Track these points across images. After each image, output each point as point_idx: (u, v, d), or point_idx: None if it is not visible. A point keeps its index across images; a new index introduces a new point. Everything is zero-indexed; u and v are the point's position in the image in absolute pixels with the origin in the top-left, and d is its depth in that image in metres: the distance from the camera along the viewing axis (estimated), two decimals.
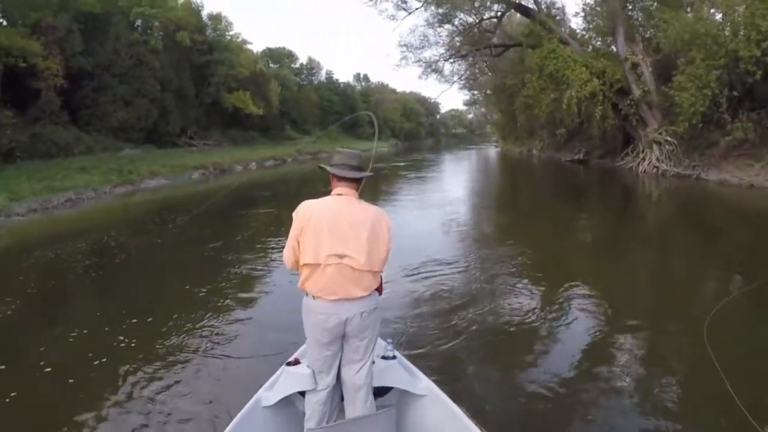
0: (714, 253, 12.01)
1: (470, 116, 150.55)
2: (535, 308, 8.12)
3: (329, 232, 3.69)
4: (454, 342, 6.82)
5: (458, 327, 7.33)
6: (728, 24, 22.59)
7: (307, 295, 3.83)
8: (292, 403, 4.26)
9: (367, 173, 4.12)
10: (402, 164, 49.60)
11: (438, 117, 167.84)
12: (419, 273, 10.22)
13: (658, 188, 23.70)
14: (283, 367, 4.22)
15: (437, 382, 4.43)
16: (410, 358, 5.10)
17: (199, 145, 54.29)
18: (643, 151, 28.31)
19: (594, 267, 10.94)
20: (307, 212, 3.77)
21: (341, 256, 3.67)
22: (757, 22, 20.01)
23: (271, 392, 4.15)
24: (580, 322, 7.51)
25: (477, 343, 6.86)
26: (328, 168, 3.96)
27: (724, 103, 21.91)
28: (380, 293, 4.07)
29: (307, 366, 3.98)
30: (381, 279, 4.05)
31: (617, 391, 5.60)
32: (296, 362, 4.16)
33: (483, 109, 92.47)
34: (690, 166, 24.63)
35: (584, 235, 15.27)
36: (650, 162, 27.21)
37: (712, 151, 23.94)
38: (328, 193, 3.94)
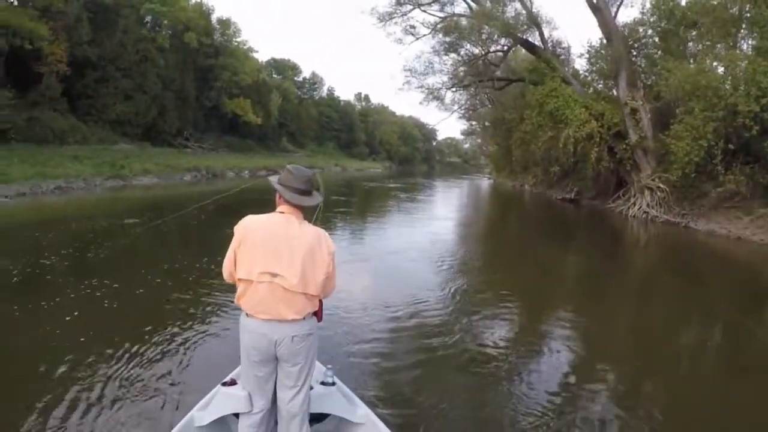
0: (692, 299, 11.99)
1: (466, 146, 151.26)
2: (505, 344, 8.01)
3: (264, 249, 3.61)
4: (417, 372, 6.70)
5: (423, 357, 7.19)
6: (729, 78, 22.77)
7: (242, 311, 3.75)
8: (226, 424, 4.14)
9: (317, 200, 3.98)
10: (393, 185, 49.77)
11: (434, 144, 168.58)
12: (396, 297, 10.14)
13: (647, 234, 23.72)
14: (219, 387, 4.10)
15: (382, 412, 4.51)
16: (364, 386, 5.46)
17: (194, 148, 54.55)
18: (634, 196, 28.38)
19: (574, 307, 10.66)
20: (247, 227, 3.70)
21: (273, 275, 3.58)
22: (758, 79, 20.12)
23: (205, 412, 4.03)
24: (544, 362, 7.41)
25: (437, 376, 6.67)
26: (275, 185, 3.86)
27: (718, 155, 21.93)
28: (319, 319, 3.96)
29: (243, 387, 3.86)
30: (321, 305, 3.95)
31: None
32: (232, 383, 4.04)
33: (479, 140, 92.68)
34: (679, 214, 24.71)
35: (567, 274, 15.27)
36: (640, 207, 27.25)
37: (702, 201, 24.03)
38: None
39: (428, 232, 20.88)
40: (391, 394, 6.03)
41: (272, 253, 3.60)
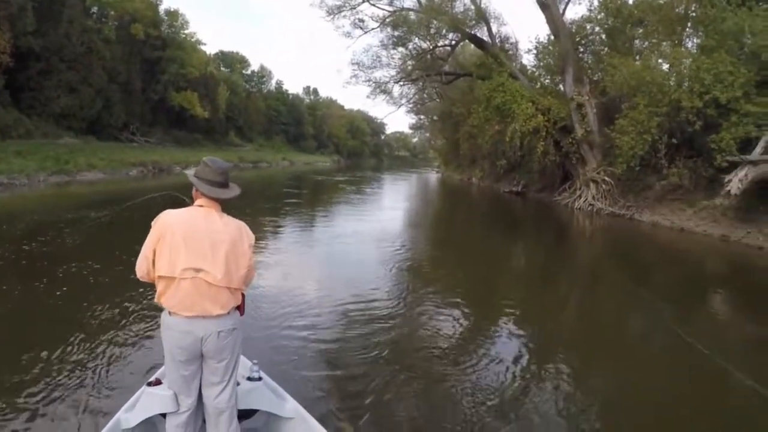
0: (635, 288, 12.04)
1: (415, 140, 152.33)
2: (449, 336, 7.95)
3: (186, 244, 3.54)
4: (365, 367, 6.58)
5: (365, 352, 7.04)
6: (674, 75, 23.24)
7: (164, 310, 3.68)
8: (153, 425, 4.09)
9: (235, 192, 3.89)
10: (342, 179, 50.24)
11: (383, 137, 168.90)
12: (339, 284, 10.38)
13: (592, 225, 24.08)
14: (144, 387, 4.02)
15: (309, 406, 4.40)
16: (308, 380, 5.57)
17: (141, 142, 53.75)
18: (580, 188, 28.82)
19: (519, 297, 10.85)
20: (167, 222, 3.61)
21: (197, 270, 3.54)
22: (702, 76, 20.47)
23: (131, 414, 3.93)
24: (488, 354, 7.26)
25: (377, 368, 6.56)
26: (191, 178, 3.79)
27: (662, 149, 22.40)
28: (242, 313, 3.94)
29: (168, 387, 3.81)
30: (243, 298, 3.92)
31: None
32: (157, 382, 3.95)
33: (428, 134, 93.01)
34: (624, 206, 25.15)
35: (513, 265, 15.56)
36: (586, 199, 27.70)
37: (647, 193, 24.49)
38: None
39: (375, 220, 21.67)
40: (328, 388, 5.99)
41: (195, 248, 3.55)
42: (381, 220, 21.99)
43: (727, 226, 19.47)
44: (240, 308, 3.89)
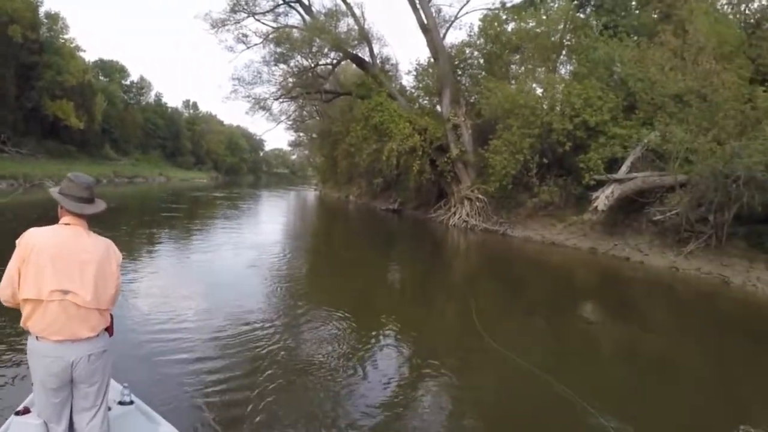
0: (507, 298, 12.48)
1: (294, 157, 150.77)
2: (329, 343, 7.95)
3: (53, 265, 3.32)
4: (243, 380, 6.44)
5: (243, 364, 6.93)
6: (547, 99, 24.12)
7: (31, 335, 3.40)
8: None
9: (100, 207, 3.68)
10: (219, 195, 49.66)
11: (261, 154, 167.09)
12: (216, 302, 9.93)
13: (465, 241, 24.39)
14: (12, 417, 3.66)
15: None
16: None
17: (12, 153, 50.21)
18: (454, 206, 29.18)
19: (394, 312, 10.53)
20: (33, 242, 3.36)
21: (65, 292, 3.32)
22: (573, 100, 21.44)
23: None
24: (364, 370, 7.17)
25: (254, 383, 6.36)
26: (55, 196, 3.56)
27: (534, 168, 23.11)
28: (111, 334, 3.73)
29: (38, 415, 3.51)
30: (111, 319, 3.72)
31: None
32: (26, 411, 3.63)
33: (307, 152, 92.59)
34: (498, 223, 25.63)
35: (388, 281, 15.30)
36: (460, 216, 28.02)
37: (519, 210, 25.11)
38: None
39: (251, 234, 21.80)
40: (206, 404, 5.74)
41: (62, 269, 3.34)
42: (257, 233, 22.15)
43: (596, 239, 20.23)
44: (109, 329, 3.70)
